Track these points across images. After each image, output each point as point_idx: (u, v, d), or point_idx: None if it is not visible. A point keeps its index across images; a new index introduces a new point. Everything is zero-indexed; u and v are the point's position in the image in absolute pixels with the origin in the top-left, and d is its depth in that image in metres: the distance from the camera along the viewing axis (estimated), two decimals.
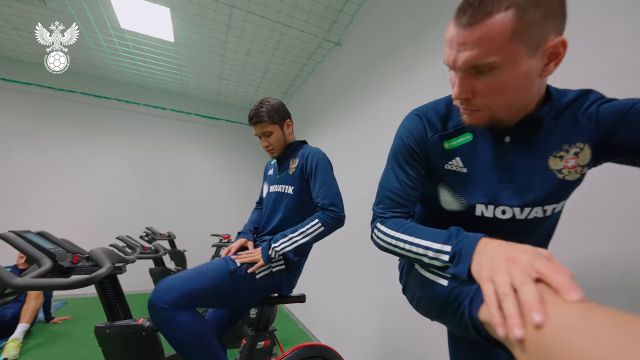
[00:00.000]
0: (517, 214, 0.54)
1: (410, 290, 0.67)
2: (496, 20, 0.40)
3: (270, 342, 1.08)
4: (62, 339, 2.36)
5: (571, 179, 0.52)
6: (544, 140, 0.52)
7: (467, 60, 0.44)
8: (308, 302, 2.77)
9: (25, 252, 0.80)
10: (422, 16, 1.55)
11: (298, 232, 1.04)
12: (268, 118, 1.14)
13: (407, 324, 1.45)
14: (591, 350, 0.23)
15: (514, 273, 0.33)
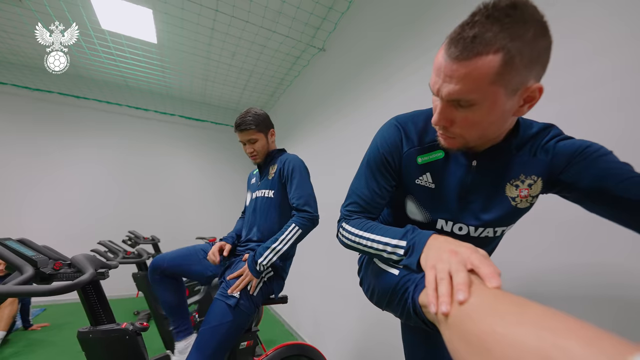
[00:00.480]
0: (471, 232, 0.61)
1: (367, 282, 0.71)
2: (484, 61, 0.43)
3: (252, 342, 1.12)
4: (42, 346, 2.30)
5: (522, 207, 0.58)
6: (505, 168, 0.57)
7: (450, 93, 0.47)
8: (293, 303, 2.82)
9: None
10: (404, 25, 1.62)
11: (278, 240, 1.08)
12: (255, 126, 1.20)
13: (385, 319, 1.53)
14: (494, 322, 0.29)
15: (452, 262, 0.39)
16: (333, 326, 2.05)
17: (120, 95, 3.88)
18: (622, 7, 0.75)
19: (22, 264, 0.82)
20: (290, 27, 2.46)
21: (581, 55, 0.82)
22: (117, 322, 0.96)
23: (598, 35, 0.79)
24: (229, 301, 1.03)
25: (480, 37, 0.42)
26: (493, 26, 0.42)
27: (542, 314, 0.27)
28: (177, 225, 4.21)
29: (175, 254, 1.23)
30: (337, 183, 2.13)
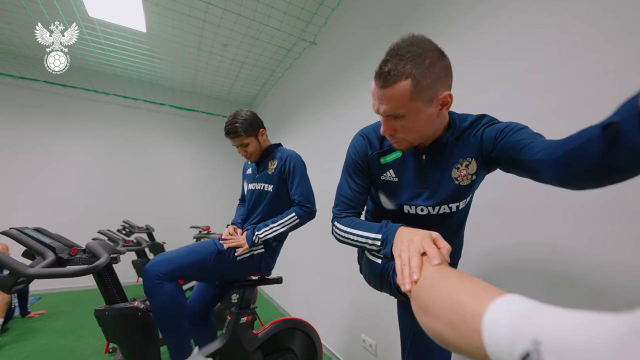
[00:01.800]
0: (431, 211, 0.75)
1: (363, 270, 0.88)
2: (399, 86, 0.59)
3: (251, 317, 1.25)
4: (43, 331, 2.39)
5: (464, 184, 0.72)
6: (448, 156, 0.72)
7: (385, 110, 0.63)
8: (287, 287, 2.97)
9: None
10: (391, 25, 1.70)
11: (278, 222, 1.22)
12: (244, 132, 1.28)
13: (372, 300, 1.68)
14: (429, 291, 0.42)
15: (410, 250, 0.52)
16: (324, 307, 2.21)
17: (108, 84, 3.83)
18: (612, 5, 0.80)
19: (44, 250, 0.91)
20: (282, 20, 2.50)
21: (570, 51, 0.87)
22: (129, 301, 1.07)
23: (589, 31, 0.84)
24: (219, 246, 1.19)
25: (393, 70, 0.58)
26: (400, 61, 0.58)
27: (455, 281, 0.40)
28: (171, 214, 4.27)
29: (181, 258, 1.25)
30: (328, 174, 2.25)
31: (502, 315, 0.28)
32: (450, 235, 0.83)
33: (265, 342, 1.29)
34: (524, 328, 0.25)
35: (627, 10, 0.76)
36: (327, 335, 2.08)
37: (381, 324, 1.61)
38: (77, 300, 3.25)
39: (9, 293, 0.81)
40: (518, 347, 0.24)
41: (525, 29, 1.00)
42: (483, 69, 1.15)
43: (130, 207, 3.98)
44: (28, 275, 0.79)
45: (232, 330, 1.20)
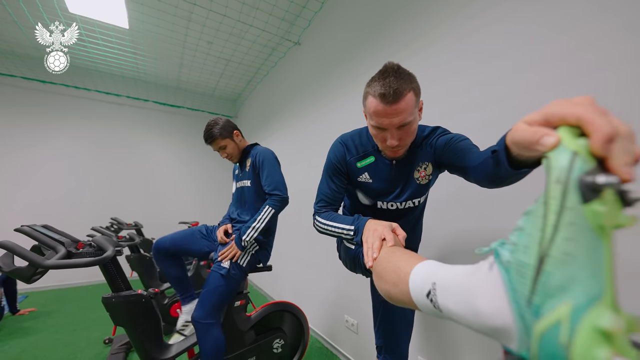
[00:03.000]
0: (398, 206, 0.92)
1: (342, 257, 1.04)
2: (407, 98, 0.71)
3: (245, 301, 1.39)
4: (35, 328, 2.43)
5: (423, 183, 0.89)
6: (411, 160, 0.88)
7: (399, 121, 0.73)
8: (275, 277, 3.11)
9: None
10: (373, 27, 1.80)
11: (257, 220, 1.35)
12: (219, 135, 1.42)
13: (353, 285, 1.86)
14: (382, 263, 0.57)
15: (374, 237, 0.66)
16: (310, 293, 2.38)
17: (90, 80, 3.77)
18: (604, 6, 0.84)
19: (55, 244, 1.01)
20: (267, 22, 2.58)
21: (563, 52, 0.92)
22: (133, 289, 1.18)
23: (580, 32, 0.89)
24: (221, 271, 1.29)
25: (399, 87, 0.71)
26: (400, 80, 0.71)
27: (398, 255, 0.55)
28: (158, 210, 4.29)
29: (176, 236, 1.45)
30: (312, 171, 2.39)
31: (419, 272, 0.44)
32: (413, 225, 1.01)
33: (257, 323, 1.43)
34: (428, 277, 0.41)
35: (620, 9, 0.82)
36: (313, 318, 2.26)
37: (362, 306, 1.79)
38: (64, 297, 3.27)
39: (28, 283, 0.91)
40: (425, 288, 0.40)
41: (508, 30, 1.07)
42: (465, 69, 1.24)
43: (117, 205, 3.98)
44: (46, 266, 0.89)
45: (227, 313, 1.33)
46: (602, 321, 0.21)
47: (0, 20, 2.67)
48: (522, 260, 0.27)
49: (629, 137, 0.24)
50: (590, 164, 0.23)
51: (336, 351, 2.00)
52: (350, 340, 1.90)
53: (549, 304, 0.24)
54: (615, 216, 0.22)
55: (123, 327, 1.15)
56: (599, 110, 0.25)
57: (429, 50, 1.40)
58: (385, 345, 1.01)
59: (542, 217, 0.26)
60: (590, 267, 0.23)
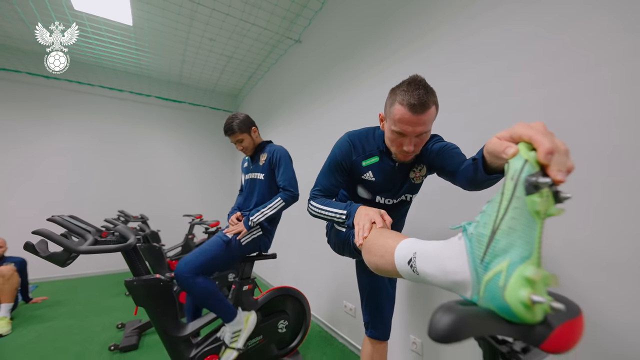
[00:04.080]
0: (394, 201, 1.04)
1: (331, 240, 1.13)
2: (431, 110, 0.80)
3: (252, 286, 1.51)
4: (49, 315, 2.56)
5: (417, 183, 1.01)
6: (410, 163, 0.99)
7: (421, 130, 0.82)
8: (277, 266, 3.23)
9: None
10: (373, 25, 1.87)
11: (267, 207, 1.48)
12: (238, 129, 1.54)
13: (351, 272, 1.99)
14: (371, 240, 0.69)
15: (365, 220, 0.74)
16: (310, 281, 2.51)
17: (93, 76, 3.83)
18: (601, 6, 0.89)
19: (84, 232, 1.13)
20: (269, 20, 2.66)
21: (560, 50, 0.98)
22: (152, 274, 1.30)
23: (577, 31, 0.93)
24: (224, 238, 1.42)
25: (427, 101, 0.79)
26: (428, 93, 0.79)
27: (386, 234, 0.66)
28: (161, 204, 4.39)
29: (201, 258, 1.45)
30: (315, 165, 2.49)
31: (403, 247, 0.56)
32: (400, 216, 1.15)
33: (263, 305, 1.56)
34: (411, 249, 0.53)
35: (613, 8, 0.87)
36: (314, 304, 2.40)
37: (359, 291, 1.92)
38: (73, 287, 3.40)
39: (62, 266, 1.03)
40: (407, 257, 0.52)
41: (505, 30, 1.14)
42: (463, 69, 1.32)
43: (121, 198, 4.08)
44: (79, 251, 1.01)
45: (236, 296, 1.46)
46: (527, 272, 0.33)
47: (7, 17, 2.72)
48: (481, 232, 0.39)
49: (564, 153, 0.36)
50: (535, 169, 0.35)
51: (335, 334, 2.15)
52: (348, 323, 2.04)
53: (495, 261, 0.36)
54: (548, 207, 0.34)
55: (144, 307, 1.27)
56: (546, 133, 0.37)
57: (427, 51, 1.49)
58: (371, 320, 1.16)
59: (498, 203, 0.38)
60: (525, 238, 0.35)
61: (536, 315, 0.33)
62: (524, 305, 0.33)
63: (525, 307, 0.33)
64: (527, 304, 0.32)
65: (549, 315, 0.36)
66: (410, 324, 1.51)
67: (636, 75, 0.82)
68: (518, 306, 0.33)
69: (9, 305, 2.39)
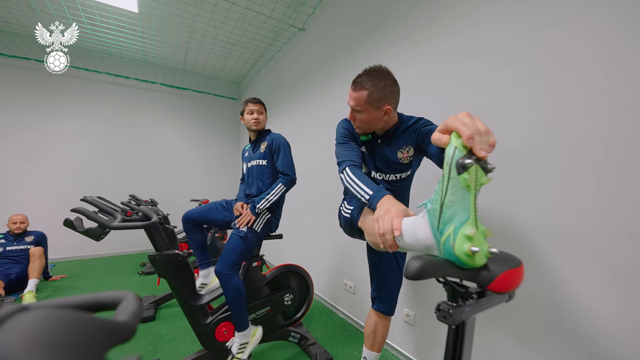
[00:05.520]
0: (384, 177, 1.15)
1: (341, 225, 1.25)
2: (361, 93, 0.96)
3: (260, 262, 1.66)
4: (70, 290, 2.76)
5: (405, 162, 1.11)
6: (395, 142, 1.10)
7: (352, 105, 1.01)
8: (281, 247, 3.37)
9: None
10: (379, 13, 1.91)
11: (270, 194, 1.61)
12: (263, 105, 1.74)
13: (351, 252, 2.14)
14: (370, 223, 0.81)
15: (385, 218, 0.69)
16: (312, 261, 2.67)
17: (100, 63, 3.89)
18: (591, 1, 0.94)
19: (113, 211, 1.26)
20: (274, 9, 2.69)
21: (559, 40, 1.03)
22: (172, 250, 1.45)
23: (574, 23, 0.98)
24: (240, 234, 1.56)
25: (360, 82, 0.98)
26: (365, 79, 0.97)
27: None
28: (168, 189, 4.53)
29: (201, 209, 1.70)
30: (318, 151, 2.60)
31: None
32: (402, 194, 1.23)
33: (270, 280, 1.72)
34: None
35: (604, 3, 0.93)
36: (316, 283, 2.56)
37: (359, 270, 2.08)
38: (87, 266, 3.60)
39: (97, 240, 1.17)
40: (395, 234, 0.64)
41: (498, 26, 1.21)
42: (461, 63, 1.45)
43: (130, 183, 4.22)
44: (112, 227, 1.15)
45: (246, 271, 1.61)
46: (467, 231, 0.46)
47: (20, 5, 2.78)
48: (435, 207, 0.52)
49: (485, 133, 0.48)
50: (463, 153, 0.47)
51: (336, 310, 2.32)
52: (348, 300, 2.20)
53: (446, 228, 0.49)
54: (478, 179, 0.46)
55: (165, 278, 1.42)
56: (467, 121, 0.48)
57: (428, 44, 1.58)
58: (378, 296, 1.28)
59: (442, 184, 0.50)
60: (463, 207, 0.47)
61: (477, 261, 0.47)
62: (467, 255, 0.46)
63: (468, 256, 0.46)
64: (469, 254, 0.45)
65: (495, 264, 0.48)
66: (404, 298, 1.67)
67: (629, 68, 0.88)
68: (463, 256, 0.46)
69: (36, 281, 2.59)
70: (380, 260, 1.28)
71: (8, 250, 2.68)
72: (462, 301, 0.51)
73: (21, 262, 2.68)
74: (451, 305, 0.48)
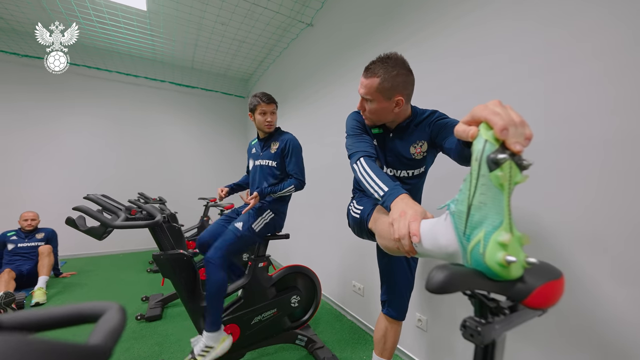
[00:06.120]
0: (395, 173, 1.08)
1: (350, 225, 1.19)
2: (372, 80, 0.91)
3: (266, 263, 1.62)
4: (79, 287, 2.78)
5: (418, 158, 1.04)
6: (408, 136, 1.03)
7: (362, 93, 0.95)
8: (288, 247, 3.33)
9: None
10: (389, 6, 1.85)
11: (280, 189, 1.59)
12: (276, 104, 1.67)
13: (359, 253, 2.08)
14: (382, 225, 0.75)
15: (401, 220, 0.60)
16: (320, 262, 2.62)
17: (111, 62, 3.93)
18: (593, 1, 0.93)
19: (116, 210, 1.23)
20: (281, 4, 2.64)
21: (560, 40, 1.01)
22: (176, 249, 1.41)
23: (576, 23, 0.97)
24: (237, 232, 1.53)
25: (372, 69, 0.92)
26: (378, 65, 0.91)
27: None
28: (176, 187, 4.56)
29: (211, 230, 1.68)
30: (327, 148, 2.54)
31: None
32: (415, 192, 1.16)
33: (277, 281, 1.67)
34: None
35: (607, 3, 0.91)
36: (324, 285, 2.51)
37: (367, 272, 2.01)
38: (97, 263, 3.64)
39: (100, 239, 1.14)
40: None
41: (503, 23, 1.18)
42: (460, 61, 1.40)
43: (139, 181, 4.25)
44: (114, 226, 1.11)
45: (252, 272, 1.57)
46: (500, 237, 0.39)
47: (30, 5, 2.80)
48: (460, 209, 0.45)
49: (521, 124, 0.40)
50: (495, 146, 0.40)
51: (344, 312, 2.27)
52: (356, 302, 2.14)
53: (474, 233, 0.42)
54: (513, 177, 0.39)
55: (169, 279, 1.39)
56: (499, 110, 0.41)
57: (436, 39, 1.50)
58: (388, 300, 1.21)
59: (469, 182, 0.43)
60: (495, 209, 0.40)
61: (513, 272, 0.40)
62: (500, 266, 0.39)
63: (501, 267, 0.39)
64: (503, 264, 0.39)
65: (532, 276, 0.42)
66: (415, 302, 1.60)
67: (630, 67, 0.85)
68: (496, 267, 0.39)
69: (46, 278, 2.61)
70: (391, 262, 1.21)
71: (19, 247, 2.72)
72: (492, 317, 0.44)
73: (32, 259, 2.72)
74: (479, 322, 0.42)
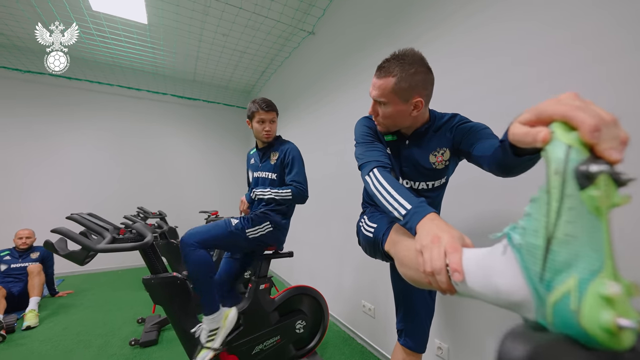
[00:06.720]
0: (412, 185, 0.95)
1: (361, 244, 1.04)
2: (387, 80, 0.79)
3: (268, 284, 1.48)
4: (74, 307, 2.65)
5: (439, 168, 0.91)
6: (427, 143, 0.90)
7: (374, 95, 0.84)
8: (292, 264, 3.19)
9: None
10: (391, 12, 1.78)
11: (274, 191, 1.45)
12: (275, 111, 1.55)
13: (369, 271, 1.92)
14: (408, 248, 0.60)
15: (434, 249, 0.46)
16: (327, 280, 2.46)
17: (112, 76, 3.91)
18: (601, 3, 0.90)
19: (102, 230, 1.12)
20: (282, 12, 2.59)
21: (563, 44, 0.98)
22: (169, 272, 1.29)
23: (576, 27, 0.94)
24: (228, 226, 1.43)
25: (387, 68, 0.80)
26: (393, 63, 0.79)
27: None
28: (178, 201, 4.47)
29: None
30: (329, 158, 2.43)
31: None
32: (434, 207, 1.02)
33: (280, 304, 1.53)
34: None
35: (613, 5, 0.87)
36: (331, 304, 2.34)
37: (378, 291, 1.86)
38: (95, 280, 3.52)
39: (81, 265, 1.02)
40: None
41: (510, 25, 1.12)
42: (466, 64, 1.31)
43: (140, 195, 4.18)
44: (97, 249, 1.00)
45: (253, 295, 1.43)
46: (604, 289, 0.25)
47: (30, 19, 2.79)
48: (532, 242, 0.31)
49: (613, 123, 0.28)
50: (584, 154, 0.27)
51: (354, 335, 2.09)
52: (367, 324, 1.97)
53: (559, 279, 0.29)
54: (611, 197, 0.26)
55: (161, 305, 1.26)
56: (582, 105, 0.29)
57: (441, 41, 1.40)
58: (405, 329, 1.05)
59: (546, 204, 0.30)
60: (591, 244, 0.27)
61: (625, 341, 0.26)
62: (606, 332, 0.25)
63: (608, 333, 0.25)
64: (611, 330, 0.25)
65: None
66: (435, 327, 1.43)
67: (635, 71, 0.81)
68: (599, 333, 0.25)
69: (37, 298, 2.49)
70: (408, 287, 1.05)
71: (12, 267, 2.60)
72: None
73: (23, 280, 2.59)
74: None
